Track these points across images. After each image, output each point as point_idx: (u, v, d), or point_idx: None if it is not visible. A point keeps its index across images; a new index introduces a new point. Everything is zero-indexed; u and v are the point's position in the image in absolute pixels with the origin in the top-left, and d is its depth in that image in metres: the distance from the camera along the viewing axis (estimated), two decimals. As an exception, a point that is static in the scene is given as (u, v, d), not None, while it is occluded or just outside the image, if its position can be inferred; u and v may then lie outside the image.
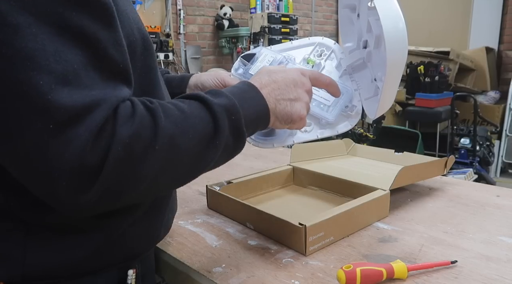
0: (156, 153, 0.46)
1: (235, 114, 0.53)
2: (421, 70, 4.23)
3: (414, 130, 3.92)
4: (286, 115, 0.61)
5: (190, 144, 0.49)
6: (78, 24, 0.42)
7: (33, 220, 0.52)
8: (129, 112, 0.45)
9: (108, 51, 0.45)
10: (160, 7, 3.70)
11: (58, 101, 0.40)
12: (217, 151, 0.52)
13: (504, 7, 4.70)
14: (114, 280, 0.59)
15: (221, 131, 0.51)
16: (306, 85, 0.64)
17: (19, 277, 0.52)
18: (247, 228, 0.80)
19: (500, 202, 0.92)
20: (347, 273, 0.57)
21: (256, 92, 0.59)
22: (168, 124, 0.47)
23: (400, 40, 0.62)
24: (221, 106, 0.52)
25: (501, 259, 0.66)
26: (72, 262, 0.54)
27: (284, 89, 0.61)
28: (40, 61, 0.40)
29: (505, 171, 4.25)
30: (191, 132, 0.49)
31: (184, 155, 0.49)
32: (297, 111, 0.62)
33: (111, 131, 0.43)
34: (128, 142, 0.44)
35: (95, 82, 0.43)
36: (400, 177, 0.85)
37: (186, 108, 0.51)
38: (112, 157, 0.42)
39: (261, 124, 0.60)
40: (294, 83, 0.62)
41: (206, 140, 0.51)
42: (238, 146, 0.56)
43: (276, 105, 0.60)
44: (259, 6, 4.25)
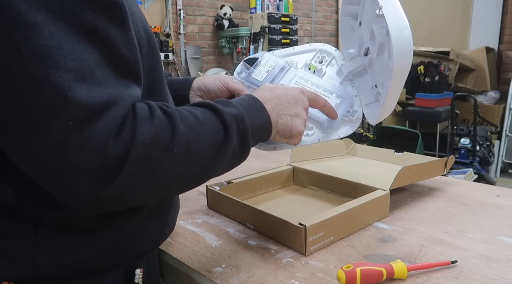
0: (174, 156, 0.48)
1: (243, 124, 0.56)
2: (421, 70, 4.23)
3: (414, 130, 3.92)
4: (286, 130, 0.64)
5: (204, 149, 0.51)
6: (92, 23, 0.43)
7: (43, 219, 0.52)
8: (148, 114, 0.47)
9: (120, 50, 0.46)
10: (160, 7, 3.70)
11: (77, 98, 0.41)
12: (226, 157, 0.54)
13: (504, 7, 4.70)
14: (121, 279, 0.59)
15: (230, 138, 0.54)
16: (305, 103, 0.67)
17: (29, 276, 0.52)
18: (247, 228, 0.80)
19: (500, 202, 0.92)
20: (347, 273, 0.57)
21: (260, 105, 0.62)
22: (184, 128, 0.49)
23: (406, 47, 0.64)
24: (231, 115, 0.55)
25: (501, 259, 0.66)
26: (81, 262, 0.54)
27: (286, 105, 0.64)
28: (58, 59, 0.41)
29: (505, 171, 4.25)
30: (205, 137, 0.51)
31: (198, 159, 0.51)
32: (296, 127, 0.65)
33: (132, 131, 0.44)
34: (148, 143, 0.45)
35: (109, 80, 0.44)
36: (400, 177, 0.85)
37: (199, 115, 0.53)
38: (133, 157, 0.44)
39: (263, 136, 0.62)
40: (295, 100, 0.66)
41: (217, 146, 0.53)
42: (243, 155, 0.58)
43: (277, 119, 0.63)
44: (259, 6, 4.25)
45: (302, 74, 0.79)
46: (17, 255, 0.51)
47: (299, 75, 0.79)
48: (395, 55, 0.63)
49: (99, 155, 0.42)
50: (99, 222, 0.54)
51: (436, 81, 4.10)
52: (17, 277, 0.52)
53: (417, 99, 4.22)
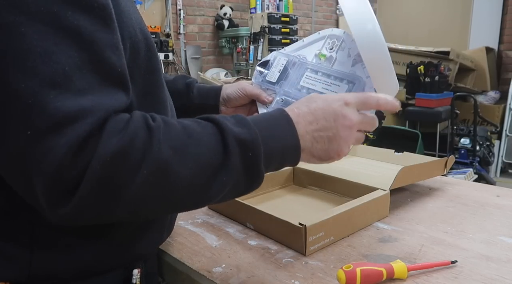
0: (144, 178, 0.41)
1: (253, 151, 0.47)
2: (421, 70, 4.23)
3: (414, 130, 3.92)
4: (323, 153, 0.55)
5: (189, 175, 0.44)
6: (73, 24, 0.40)
7: (39, 221, 0.52)
8: (120, 127, 0.41)
9: (105, 54, 0.43)
10: (160, 7, 3.70)
11: (39, 107, 0.38)
12: (223, 188, 0.47)
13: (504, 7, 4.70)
14: (119, 279, 0.59)
15: (230, 167, 0.46)
16: (348, 118, 0.55)
17: (25, 277, 0.52)
18: (247, 228, 0.80)
19: (500, 202, 0.92)
20: (347, 273, 0.57)
21: (289, 125, 0.52)
22: (165, 148, 0.43)
23: (372, 41, 0.62)
24: (237, 139, 0.47)
25: (501, 259, 0.66)
26: (78, 263, 0.54)
27: (323, 124, 0.54)
28: (25, 63, 0.38)
29: (505, 171, 4.24)
30: (192, 161, 0.44)
31: (180, 185, 0.44)
32: (334, 150, 0.55)
33: (93, 146, 0.39)
34: (109, 161, 0.39)
35: (90, 86, 0.41)
36: (400, 177, 0.85)
37: (195, 133, 0.46)
38: (89, 175, 0.39)
39: (288, 161, 0.54)
40: (335, 117, 0.54)
41: (210, 173, 0.45)
42: (251, 186, 0.50)
43: (312, 143, 0.54)
44: (259, 6, 4.25)
45: (312, 66, 0.79)
46: (13, 255, 0.51)
47: (310, 68, 0.79)
48: (360, 48, 0.62)
49: (56, 172, 0.38)
50: (95, 227, 0.54)
51: (436, 81, 4.10)
52: (13, 278, 0.51)
53: (417, 99, 4.22)
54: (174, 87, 0.84)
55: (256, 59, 4.02)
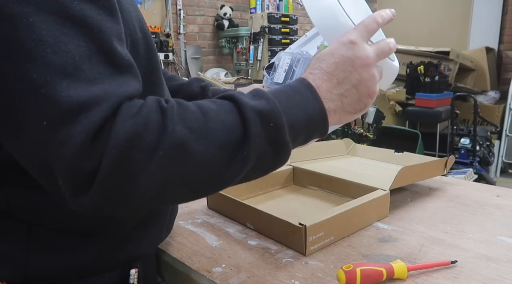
0: (161, 160, 0.40)
1: (274, 121, 0.45)
2: (421, 70, 4.23)
3: (414, 130, 3.93)
4: (357, 104, 0.53)
5: (208, 153, 0.42)
6: (80, 14, 0.40)
7: (36, 221, 0.52)
8: (134, 111, 0.41)
9: (113, 43, 0.42)
10: (160, 7, 3.70)
11: (53, 96, 0.38)
12: (246, 164, 0.45)
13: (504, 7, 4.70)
14: (116, 279, 0.59)
15: (251, 140, 0.44)
16: (363, 57, 0.52)
17: (21, 277, 0.52)
18: (247, 228, 0.80)
19: (500, 202, 0.92)
20: (347, 273, 0.57)
21: (311, 93, 0.50)
22: (180, 128, 0.41)
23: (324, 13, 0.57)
24: (256, 110, 0.45)
25: (501, 259, 0.66)
26: (74, 264, 0.54)
27: (343, 76, 0.52)
28: (36, 53, 0.38)
29: (505, 171, 4.24)
30: (209, 139, 0.43)
31: (200, 165, 0.42)
32: (365, 94, 0.53)
33: (108, 133, 0.39)
34: (123, 145, 0.39)
35: (100, 75, 0.41)
36: (400, 177, 0.85)
37: (211, 110, 0.44)
38: (106, 162, 0.39)
39: (316, 131, 0.51)
40: (351, 63, 0.52)
41: (230, 149, 0.44)
42: (279, 159, 0.48)
43: (342, 101, 0.52)
44: (259, 6, 4.25)
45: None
46: (10, 255, 0.51)
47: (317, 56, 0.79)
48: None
49: (74, 161, 0.38)
50: (93, 226, 0.54)
51: (436, 81, 4.10)
52: (10, 277, 0.51)
53: (417, 99, 4.22)
54: (190, 90, 0.86)
55: (256, 59, 4.02)
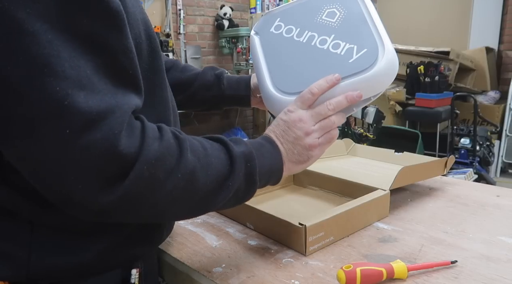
0: (176, 182, 0.48)
1: (251, 162, 0.56)
2: (421, 70, 4.23)
3: (414, 130, 3.92)
4: (300, 156, 0.63)
5: (207, 181, 0.51)
6: (89, 31, 0.43)
7: (39, 220, 0.52)
8: (157, 135, 0.48)
9: (118, 58, 0.46)
10: (160, 7, 3.70)
11: (75, 107, 0.41)
12: (229, 192, 0.54)
13: (504, 7, 4.70)
14: (118, 279, 0.59)
15: (236, 174, 0.54)
16: (296, 118, 0.63)
17: (23, 276, 0.52)
18: (247, 228, 0.80)
19: (500, 202, 0.92)
20: (347, 273, 0.57)
21: (273, 147, 0.62)
22: (192, 157, 0.50)
23: None
24: (239, 151, 0.55)
25: (501, 259, 0.66)
26: (76, 264, 0.54)
27: (283, 135, 0.63)
28: (56, 67, 0.41)
29: (505, 171, 4.24)
30: (210, 169, 0.52)
31: (200, 189, 0.51)
32: (304, 148, 0.63)
33: (139, 148, 0.44)
34: (153, 164, 0.45)
35: (107, 88, 0.44)
36: (400, 177, 0.85)
37: (208, 147, 0.54)
38: (135, 173, 0.44)
39: (273, 177, 0.62)
40: (287, 125, 0.64)
41: (221, 179, 0.53)
42: (248, 193, 0.58)
43: (288, 154, 0.62)
44: (259, 6, 4.25)
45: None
46: (12, 255, 0.51)
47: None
48: None
49: (97, 164, 0.42)
50: (95, 226, 0.54)
51: (436, 81, 4.10)
52: (12, 277, 0.51)
53: (417, 99, 4.22)
54: (205, 79, 0.89)
55: (256, 59, 4.01)
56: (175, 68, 0.89)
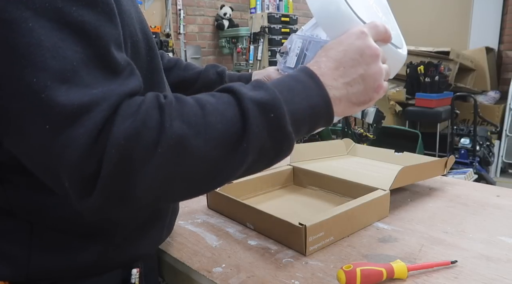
0: (160, 157, 0.40)
1: (275, 111, 0.44)
2: (421, 70, 4.23)
3: (414, 130, 3.92)
4: (362, 96, 0.52)
5: (207, 148, 0.42)
6: (78, 20, 0.40)
7: (38, 221, 0.52)
8: (132, 110, 0.41)
9: (110, 48, 0.43)
10: (160, 7, 3.70)
11: (53, 100, 0.38)
12: (246, 157, 0.44)
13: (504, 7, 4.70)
14: (118, 279, 0.59)
15: (251, 132, 0.43)
16: (373, 47, 0.52)
17: (23, 276, 0.52)
18: (247, 228, 0.80)
19: (500, 202, 0.92)
20: (347, 273, 0.57)
21: (313, 80, 0.49)
22: (178, 123, 0.41)
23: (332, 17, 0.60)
24: (255, 101, 0.44)
25: (501, 259, 0.66)
26: (76, 265, 0.54)
27: (350, 64, 0.51)
28: (35, 58, 0.38)
29: (505, 171, 4.24)
30: (208, 132, 0.42)
31: (199, 160, 0.42)
32: (371, 87, 0.52)
33: (107, 132, 0.39)
34: (123, 144, 0.39)
35: (97, 80, 0.41)
36: (400, 177, 0.85)
37: (209, 104, 0.44)
38: (106, 161, 0.39)
39: (321, 119, 0.50)
40: (360, 52, 0.51)
41: (230, 142, 0.43)
42: (281, 150, 0.47)
43: (347, 89, 0.50)
44: (259, 6, 4.25)
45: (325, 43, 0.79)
46: (12, 255, 0.51)
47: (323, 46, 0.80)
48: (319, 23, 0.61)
49: (78, 163, 0.39)
50: (95, 227, 0.54)
51: (436, 81, 4.10)
52: (12, 277, 0.52)
53: (417, 99, 4.23)
54: (207, 76, 0.88)
55: (256, 59, 4.02)
56: (177, 67, 0.90)
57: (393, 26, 0.70)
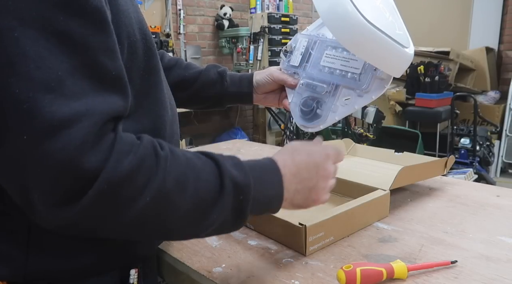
0: (145, 204, 0.42)
1: (244, 195, 0.49)
2: (421, 70, 4.23)
3: (414, 130, 3.92)
4: (302, 202, 0.58)
5: (186, 208, 0.46)
6: (65, 29, 0.40)
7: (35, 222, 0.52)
8: (130, 150, 0.42)
9: (98, 58, 0.43)
10: (160, 7, 3.70)
11: (35, 112, 0.38)
12: (212, 224, 0.49)
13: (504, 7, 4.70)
14: (116, 279, 0.59)
15: (222, 206, 0.48)
16: (328, 170, 0.59)
17: (21, 277, 0.52)
18: (247, 228, 0.80)
19: (500, 202, 0.92)
20: (347, 273, 0.57)
21: (277, 177, 0.54)
22: (169, 179, 0.44)
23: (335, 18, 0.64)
24: (233, 180, 0.49)
25: (501, 259, 0.66)
26: (74, 265, 0.53)
27: (306, 176, 0.57)
28: (19, 68, 0.38)
29: (505, 171, 4.24)
30: (191, 195, 0.46)
31: (177, 216, 0.46)
32: (312, 200, 0.58)
33: (102, 164, 0.40)
34: (117, 183, 0.40)
35: (83, 91, 0.41)
36: (400, 177, 0.85)
37: (196, 168, 0.48)
38: (94, 193, 0.40)
39: (267, 212, 0.56)
40: (316, 169, 0.58)
41: (204, 208, 0.47)
42: (235, 226, 0.53)
43: (294, 194, 0.56)
44: (259, 6, 4.24)
45: (331, 43, 0.79)
46: (9, 255, 0.51)
47: (330, 45, 0.79)
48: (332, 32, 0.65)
49: (54, 177, 0.39)
50: None
51: (436, 81, 4.10)
52: (9, 277, 0.51)
53: (417, 99, 4.22)
54: (208, 76, 0.89)
55: (256, 59, 4.02)
56: (178, 66, 0.90)
57: (400, 26, 0.71)
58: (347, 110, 0.76)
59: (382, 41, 0.65)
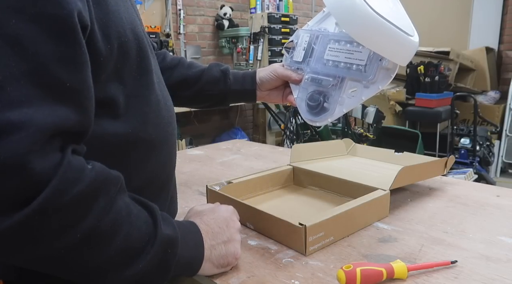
0: (74, 239, 0.42)
1: (172, 249, 0.52)
2: (421, 70, 4.23)
3: (414, 130, 3.92)
4: (222, 259, 0.60)
5: (114, 251, 0.46)
6: (15, 33, 0.38)
7: None
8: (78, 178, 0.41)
9: (49, 67, 0.40)
10: (160, 7, 3.70)
11: None
12: (137, 273, 0.49)
13: (504, 7, 4.70)
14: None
15: (150, 256, 0.49)
16: (237, 222, 0.64)
17: (17, 276, 0.52)
18: (247, 228, 0.80)
19: (500, 202, 0.92)
20: (347, 273, 0.57)
21: (198, 238, 0.57)
22: (105, 220, 0.44)
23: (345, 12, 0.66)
24: (164, 234, 0.51)
25: (501, 259, 0.66)
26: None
27: (218, 232, 0.60)
28: None
29: (505, 171, 4.24)
30: (121, 239, 0.46)
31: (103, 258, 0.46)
32: (231, 253, 0.61)
33: (42, 184, 0.38)
34: (48, 211, 0.39)
35: (27, 99, 0.38)
36: (400, 177, 0.85)
37: (132, 214, 0.49)
38: (20, 216, 0.38)
39: (188, 270, 0.57)
40: (226, 223, 0.62)
41: (131, 255, 0.48)
42: (157, 280, 0.52)
43: (211, 251, 0.58)
44: (259, 6, 4.25)
45: (334, 36, 0.79)
46: None
47: (332, 39, 0.79)
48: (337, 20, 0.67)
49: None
50: None
51: (436, 81, 4.10)
52: (4, 275, 0.52)
53: (417, 99, 4.22)
54: (211, 74, 0.89)
55: (256, 59, 4.02)
56: (181, 65, 0.90)
57: (403, 16, 0.73)
58: (354, 102, 0.76)
59: (389, 31, 0.66)
